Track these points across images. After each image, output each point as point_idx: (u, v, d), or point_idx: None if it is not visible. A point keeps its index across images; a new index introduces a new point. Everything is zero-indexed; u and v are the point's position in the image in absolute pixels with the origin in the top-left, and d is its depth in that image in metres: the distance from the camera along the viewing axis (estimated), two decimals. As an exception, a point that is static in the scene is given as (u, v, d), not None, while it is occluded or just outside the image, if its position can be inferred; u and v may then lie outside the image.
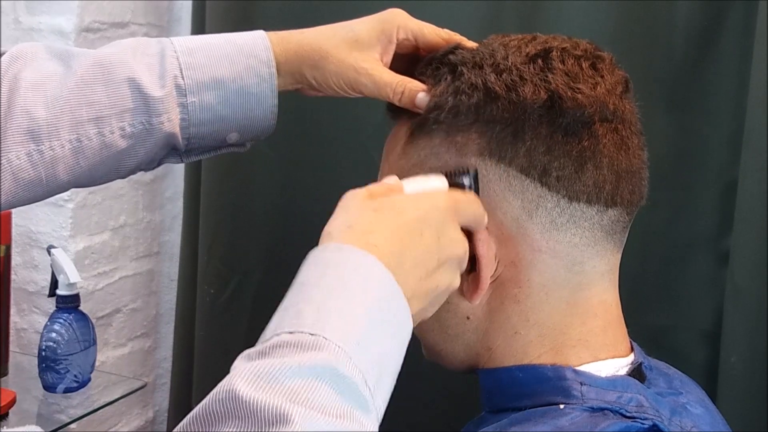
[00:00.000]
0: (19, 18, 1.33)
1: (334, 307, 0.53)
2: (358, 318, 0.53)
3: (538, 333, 0.67)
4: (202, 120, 0.73)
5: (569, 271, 0.66)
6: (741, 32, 1.05)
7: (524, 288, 0.66)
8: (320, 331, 0.51)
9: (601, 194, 0.65)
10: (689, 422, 0.66)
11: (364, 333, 0.53)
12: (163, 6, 1.46)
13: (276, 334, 0.52)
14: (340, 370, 0.50)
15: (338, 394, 0.49)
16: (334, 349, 0.50)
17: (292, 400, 0.47)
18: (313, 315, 0.52)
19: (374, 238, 0.57)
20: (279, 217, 1.30)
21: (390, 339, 0.55)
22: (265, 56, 0.73)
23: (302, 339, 0.51)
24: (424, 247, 0.59)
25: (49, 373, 1.23)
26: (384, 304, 0.55)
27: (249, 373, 0.49)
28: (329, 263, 0.56)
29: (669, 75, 1.10)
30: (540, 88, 0.65)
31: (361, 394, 0.51)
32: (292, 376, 0.49)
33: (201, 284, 1.36)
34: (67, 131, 0.70)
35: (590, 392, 0.63)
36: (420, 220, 0.59)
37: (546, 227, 0.65)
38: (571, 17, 1.11)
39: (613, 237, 0.67)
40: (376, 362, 0.53)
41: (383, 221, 0.58)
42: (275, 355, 0.50)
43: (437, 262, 0.59)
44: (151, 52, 0.72)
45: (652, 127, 1.11)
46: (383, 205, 0.60)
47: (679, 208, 1.12)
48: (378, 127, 0.77)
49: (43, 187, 0.71)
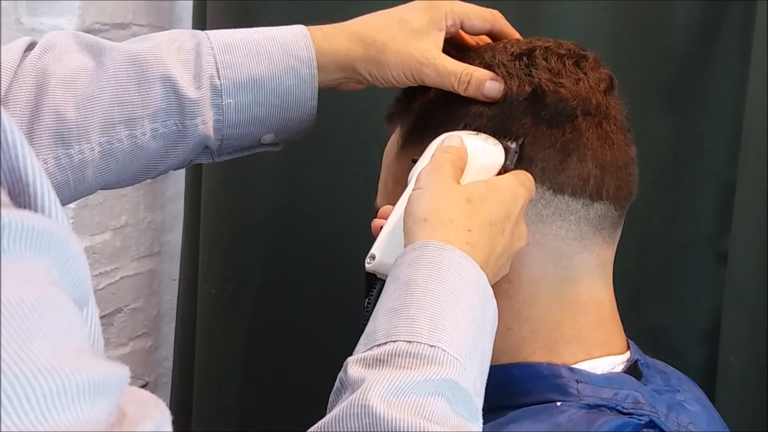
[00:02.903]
0: (21, 19, 1.34)
1: (446, 316, 0.53)
2: (466, 327, 0.54)
3: (531, 329, 0.67)
4: (238, 121, 0.70)
5: (557, 265, 0.67)
6: (740, 32, 1.06)
7: (515, 283, 0.67)
8: (437, 343, 0.52)
9: (585, 187, 0.66)
10: (686, 419, 0.66)
11: (472, 341, 0.54)
12: (164, 6, 1.47)
13: (391, 340, 0.52)
14: (460, 384, 0.51)
15: (455, 405, 0.51)
16: (453, 363, 0.52)
17: (423, 416, 0.48)
18: (429, 324, 0.53)
19: (472, 238, 0.58)
20: (280, 218, 1.30)
21: (488, 342, 0.57)
22: (306, 56, 0.70)
23: (422, 351, 0.51)
24: (503, 244, 0.60)
25: (50, 372, 1.24)
26: (481, 310, 0.56)
27: (381, 388, 0.49)
28: (432, 264, 0.56)
29: (668, 75, 1.10)
30: (524, 82, 0.67)
31: (473, 404, 0.53)
32: (419, 391, 0.50)
33: (202, 284, 1.37)
34: (98, 133, 0.67)
35: (586, 389, 0.64)
36: (504, 218, 0.60)
37: (532, 219, 0.66)
38: (571, 17, 1.11)
39: (601, 232, 0.68)
40: (479, 367, 0.55)
41: (478, 217, 0.59)
42: (397, 366, 0.51)
43: (507, 256, 0.62)
44: (187, 47, 0.69)
45: (651, 127, 1.12)
46: (475, 198, 0.60)
47: (678, 208, 1.12)
48: (378, 127, 0.77)
49: (71, 191, 0.69)
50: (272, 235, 1.31)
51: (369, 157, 1.09)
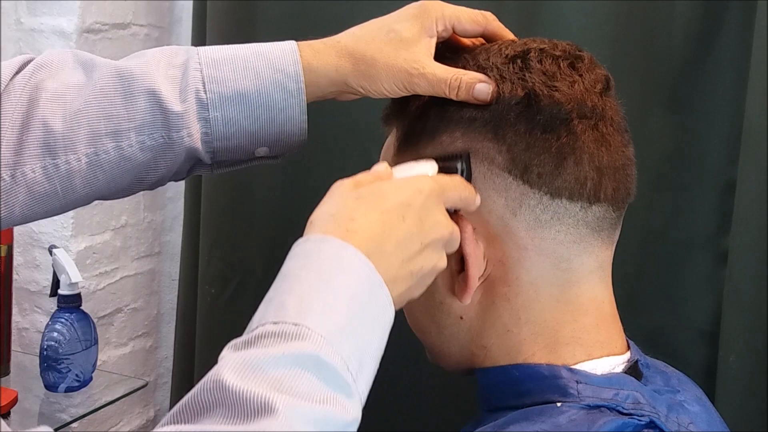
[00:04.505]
0: (21, 19, 1.34)
1: (316, 298, 0.54)
2: (338, 308, 0.54)
3: (530, 331, 0.67)
4: (227, 134, 0.71)
5: (556, 268, 0.67)
6: (740, 32, 1.06)
7: (513, 286, 0.67)
8: (303, 321, 0.52)
9: (583, 190, 0.66)
10: (686, 419, 0.66)
11: (345, 321, 0.54)
12: (164, 7, 1.47)
13: (261, 325, 0.53)
14: (323, 358, 0.51)
15: (321, 381, 0.51)
16: (316, 339, 0.52)
17: (276, 388, 0.49)
18: (296, 306, 0.54)
19: (354, 225, 0.58)
20: (280, 217, 1.30)
21: (371, 325, 0.56)
22: (293, 71, 0.70)
23: (285, 329, 0.52)
24: (405, 230, 0.59)
25: (50, 372, 1.24)
26: (363, 293, 0.56)
27: (235, 363, 0.50)
28: (310, 254, 0.57)
29: (668, 75, 1.10)
30: (517, 86, 0.66)
31: (343, 379, 0.52)
32: (276, 365, 0.50)
33: (202, 284, 1.37)
34: (84, 145, 0.69)
35: (586, 390, 0.64)
36: (402, 205, 0.60)
37: (530, 225, 0.66)
38: (571, 17, 1.11)
39: (600, 234, 0.68)
40: (357, 348, 0.54)
41: (365, 208, 0.59)
42: (260, 345, 0.52)
43: (420, 244, 0.60)
44: (176, 63, 0.71)
45: (651, 127, 1.12)
46: (366, 193, 0.60)
47: (678, 207, 1.12)
48: (378, 127, 0.77)
49: (60, 199, 0.71)
50: (272, 234, 1.31)
51: (368, 157, 1.09)
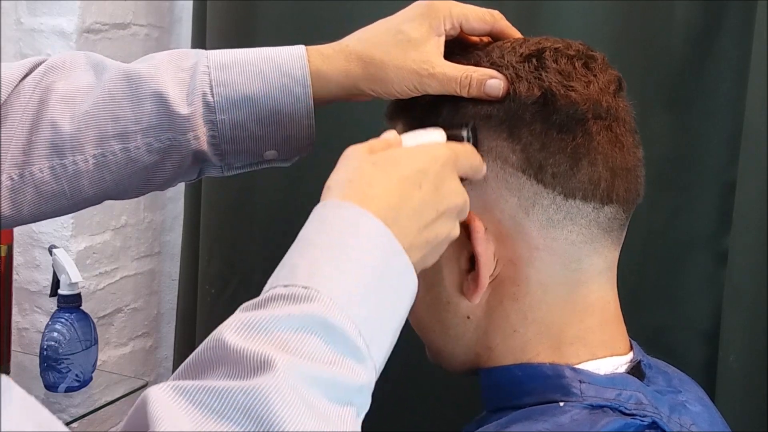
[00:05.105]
0: (21, 19, 1.34)
1: (329, 262, 0.53)
2: (352, 272, 0.53)
3: (536, 331, 0.67)
4: (235, 137, 0.71)
5: (567, 268, 0.67)
6: (740, 32, 1.06)
7: (522, 286, 0.67)
8: (313, 284, 0.52)
9: (596, 191, 0.65)
10: (688, 420, 0.66)
11: (359, 286, 0.53)
12: (164, 7, 1.47)
13: (272, 288, 0.53)
14: (330, 321, 0.51)
15: (328, 343, 0.50)
16: (325, 301, 0.51)
17: (278, 348, 0.49)
18: (307, 269, 0.53)
19: (372, 191, 0.57)
20: (280, 217, 1.30)
21: (388, 293, 0.55)
22: (300, 75, 0.70)
23: (295, 292, 0.52)
24: (422, 198, 0.59)
25: (50, 372, 1.24)
26: (379, 260, 0.55)
27: (239, 323, 0.50)
28: (326, 219, 0.56)
29: (668, 75, 1.10)
30: (534, 85, 0.66)
31: (353, 343, 0.51)
32: (280, 326, 0.50)
33: (202, 284, 1.37)
34: (92, 146, 0.70)
35: (589, 390, 0.64)
36: (418, 172, 0.59)
37: (543, 225, 0.66)
38: (571, 17, 1.11)
39: (610, 234, 0.68)
40: (372, 315, 0.53)
41: (382, 174, 0.58)
42: (268, 307, 0.51)
43: (436, 212, 0.60)
44: (185, 66, 0.71)
45: (651, 127, 1.12)
46: (382, 159, 0.60)
47: (678, 208, 1.12)
48: (378, 127, 0.77)
49: (68, 199, 0.72)
50: (272, 234, 1.31)
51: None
